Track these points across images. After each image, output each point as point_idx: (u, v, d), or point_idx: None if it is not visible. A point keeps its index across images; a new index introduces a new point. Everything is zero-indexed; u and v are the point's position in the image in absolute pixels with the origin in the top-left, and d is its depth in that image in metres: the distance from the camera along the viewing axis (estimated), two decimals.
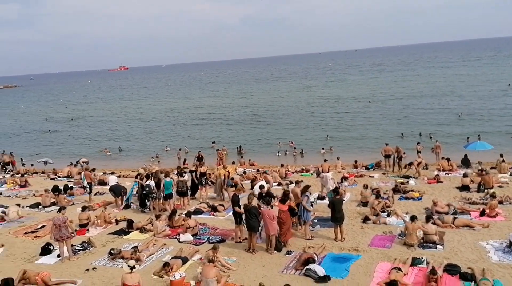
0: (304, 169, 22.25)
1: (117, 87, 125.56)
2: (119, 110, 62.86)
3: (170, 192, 15.05)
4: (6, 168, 26.19)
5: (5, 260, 11.50)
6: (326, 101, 52.65)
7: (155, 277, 9.79)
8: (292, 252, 10.68)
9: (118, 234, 13.06)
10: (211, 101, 64.40)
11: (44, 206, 16.40)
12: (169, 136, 38.60)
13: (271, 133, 36.13)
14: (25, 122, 56.33)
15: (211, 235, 12.37)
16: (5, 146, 35.98)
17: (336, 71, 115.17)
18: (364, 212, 13.70)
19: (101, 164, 27.13)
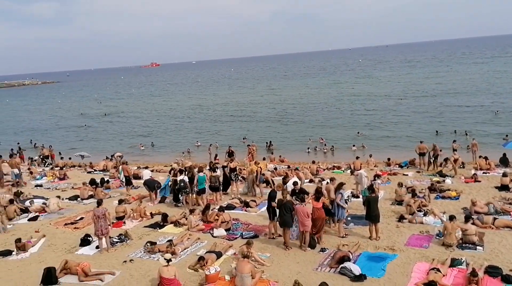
0: (335, 166, 22.02)
1: (148, 83, 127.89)
2: (150, 106, 63.99)
3: (203, 187, 15.23)
4: (46, 161, 27.14)
5: (47, 250, 11.95)
6: (356, 98, 51.83)
7: (190, 271, 9.93)
8: (326, 250, 10.61)
9: (153, 228, 13.32)
10: (240, 97, 64.64)
11: (83, 199, 16.93)
12: (199, 132, 39.00)
13: (300, 130, 35.86)
14: (61, 117, 58.22)
15: (244, 231, 12.45)
16: (44, 140, 37.40)
17: (366, 67, 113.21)
18: (399, 211, 13.45)
19: (134, 159, 27.78)
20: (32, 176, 22.47)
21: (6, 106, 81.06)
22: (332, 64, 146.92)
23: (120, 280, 9.75)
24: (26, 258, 11.44)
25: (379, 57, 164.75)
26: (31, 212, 15.31)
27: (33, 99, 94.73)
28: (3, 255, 11.56)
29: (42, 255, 11.59)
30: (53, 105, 76.78)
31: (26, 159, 27.61)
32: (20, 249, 11.72)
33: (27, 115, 63.77)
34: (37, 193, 18.70)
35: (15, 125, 53.73)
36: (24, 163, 25.09)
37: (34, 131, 46.98)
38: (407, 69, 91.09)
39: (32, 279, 9.99)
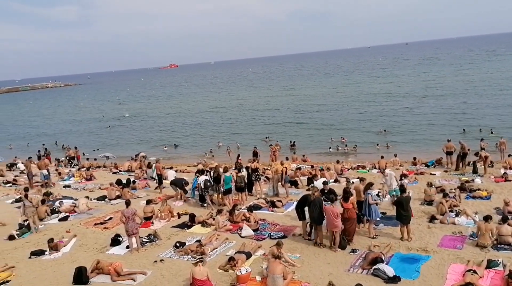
0: (360, 166, 21.78)
1: (167, 84, 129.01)
2: (169, 107, 64.50)
3: (229, 187, 15.27)
4: (72, 162, 27.64)
5: (78, 250, 12.16)
6: (375, 97, 51.07)
7: (221, 271, 9.95)
8: (357, 251, 10.49)
9: (181, 228, 13.41)
10: (258, 97, 64.59)
11: (110, 199, 17.18)
12: (219, 132, 39.14)
13: (321, 129, 35.59)
14: (84, 119, 59.12)
15: (272, 231, 12.41)
16: (68, 142, 38.11)
17: (385, 65, 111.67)
18: (429, 211, 13.21)
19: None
20: (60, 177, 22.92)
21: (31, 108, 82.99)
22: (352, 63, 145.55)
23: (151, 280, 9.84)
24: (59, 257, 11.66)
25: (399, 55, 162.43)
26: (61, 212, 15.61)
27: (56, 101, 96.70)
28: (36, 254, 11.81)
29: (74, 254, 11.80)
30: (75, 107, 78.21)
31: (52, 160, 28.15)
32: (53, 248, 11.95)
33: (51, 117, 65.10)
34: (66, 193, 19.07)
35: (40, 127, 54.94)
36: (51, 165, 25.55)
37: (58, 133, 47.91)
38: (427, 67, 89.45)
39: (65, 278, 10.17)
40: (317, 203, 10.84)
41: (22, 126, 57.85)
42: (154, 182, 19.34)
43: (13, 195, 19.01)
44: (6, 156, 33.65)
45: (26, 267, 11.07)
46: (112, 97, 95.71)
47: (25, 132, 51.25)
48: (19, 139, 45.41)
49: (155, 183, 19.25)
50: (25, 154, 30.04)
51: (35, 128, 54.16)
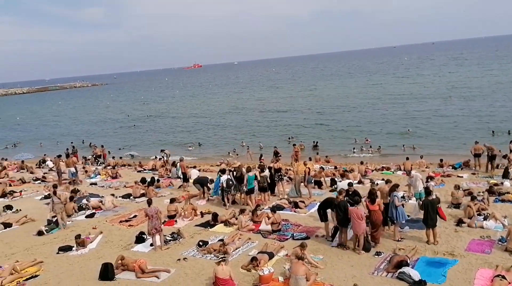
0: (384, 167, 21.46)
1: (191, 84, 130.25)
2: (192, 107, 65.05)
3: (252, 187, 15.28)
4: (98, 160, 28.22)
5: (104, 246, 12.41)
6: (399, 98, 50.24)
7: (243, 271, 9.98)
8: (382, 254, 10.33)
9: (204, 227, 13.51)
10: (280, 97, 64.43)
11: (135, 197, 17.45)
12: (242, 133, 39.24)
13: (344, 131, 35.19)
14: (110, 118, 60.28)
15: (295, 232, 12.36)
16: (95, 140, 38.95)
17: (410, 65, 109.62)
18: (456, 214, 12.89)
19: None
20: (87, 174, 23.43)
21: (59, 108, 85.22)
22: (375, 63, 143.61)
23: (175, 277, 9.94)
24: (86, 253, 11.92)
25: (425, 55, 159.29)
26: (89, 208, 15.97)
27: (83, 101, 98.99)
28: (64, 250, 12.11)
29: (100, 251, 12.04)
30: (102, 106, 79.88)
31: (80, 158, 28.81)
32: (80, 245, 12.22)
33: (78, 116, 66.66)
34: (92, 191, 19.47)
35: (68, 126, 56.36)
36: (79, 163, 26.16)
37: (85, 132, 49.02)
38: (453, 67, 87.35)
39: (91, 274, 10.38)
40: (342, 206, 10.74)
41: (51, 124, 59.49)
42: (179, 181, 19.61)
43: (42, 192, 19.52)
44: (36, 154, 34.68)
45: (54, 262, 11.36)
46: (137, 97, 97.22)
47: (54, 131, 52.67)
48: (49, 137, 46.70)
49: (180, 182, 19.51)
50: (54, 152, 30.84)
51: (63, 127, 55.60)
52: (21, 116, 73.06)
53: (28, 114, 76.79)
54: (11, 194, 19.07)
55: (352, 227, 10.58)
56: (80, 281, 10.10)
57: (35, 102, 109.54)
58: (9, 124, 63.01)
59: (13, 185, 21.27)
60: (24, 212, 16.14)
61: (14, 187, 20.88)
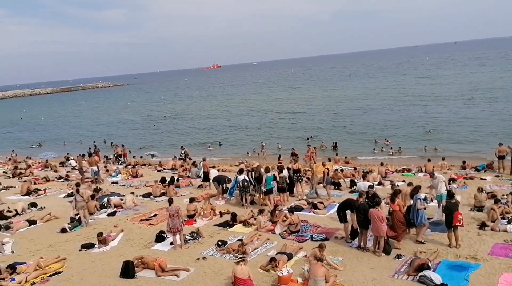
0: (405, 169, 21.17)
1: (210, 85, 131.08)
2: (211, 107, 65.51)
3: (271, 188, 15.29)
4: (120, 159, 28.69)
5: (125, 244, 12.61)
6: (419, 98, 49.42)
7: (262, 271, 9.99)
8: (402, 256, 10.20)
9: (223, 226, 13.58)
10: (298, 98, 64.25)
11: (155, 196, 17.66)
12: (259, 135, 39.29)
13: (363, 132, 34.82)
14: (130, 118, 61.17)
15: (314, 233, 12.32)
16: (116, 140, 39.59)
17: (431, 65, 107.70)
18: (479, 218, 12.64)
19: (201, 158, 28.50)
20: (108, 173, 23.83)
21: (82, 108, 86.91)
22: (395, 63, 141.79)
23: (194, 277, 10.03)
24: (107, 251, 12.13)
25: (446, 55, 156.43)
26: (110, 207, 16.25)
27: (105, 101, 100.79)
28: (86, 247, 12.36)
29: (121, 249, 12.24)
30: (122, 106, 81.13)
31: (101, 157, 29.32)
32: (102, 242, 12.45)
33: (100, 115, 67.89)
34: (114, 189, 19.81)
35: (90, 125, 57.47)
36: (100, 162, 26.62)
37: (107, 131, 49.90)
38: (475, 67, 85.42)
39: (113, 271, 10.55)
40: (362, 209, 10.66)
41: (74, 124, 60.73)
42: (199, 180, 19.81)
43: (65, 190, 19.97)
44: (60, 153, 35.49)
45: (76, 259, 11.61)
46: (157, 97, 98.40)
47: (77, 130, 53.75)
48: (72, 137, 47.69)
49: (199, 181, 19.70)
50: (77, 151, 31.51)
51: (86, 126, 56.72)
52: (45, 115, 74.86)
53: (52, 113, 78.64)
54: (36, 192, 19.55)
55: (372, 229, 10.48)
56: (102, 278, 10.29)
57: (58, 102, 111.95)
58: (34, 123, 64.62)
59: (38, 183, 21.81)
60: (48, 209, 16.51)
61: (38, 185, 21.40)
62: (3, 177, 24.35)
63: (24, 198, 18.69)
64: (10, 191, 20.72)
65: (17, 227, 14.41)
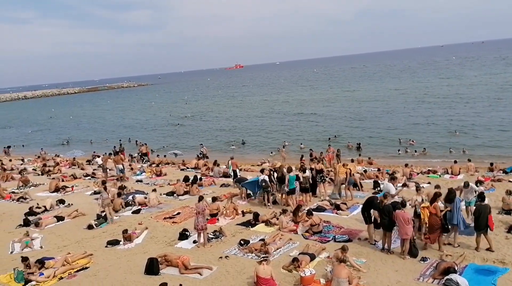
0: (431, 170, 20.76)
1: (232, 84, 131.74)
2: (232, 107, 65.85)
3: (293, 188, 15.27)
4: (144, 158, 29.15)
5: (149, 242, 12.82)
6: (443, 99, 48.35)
7: (284, 271, 9.99)
8: (428, 259, 10.02)
9: (245, 226, 13.64)
10: (320, 99, 63.80)
11: (178, 195, 17.88)
12: (282, 133, 39.26)
13: (386, 133, 34.38)
14: (154, 118, 62.02)
15: (336, 234, 12.23)
16: (140, 138, 40.24)
17: (456, 65, 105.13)
18: (507, 221, 12.29)
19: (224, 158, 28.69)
20: (133, 172, 24.24)
21: (108, 107, 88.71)
22: (419, 62, 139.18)
23: (217, 275, 10.11)
24: (132, 248, 12.36)
25: (473, 54, 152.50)
26: (135, 204, 16.55)
27: (130, 101, 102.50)
28: (112, 244, 12.63)
29: (146, 246, 12.45)
30: (147, 106, 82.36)
31: (126, 156, 29.86)
32: (127, 239, 12.69)
33: (125, 115, 69.13)
34: (138, 188, 20.17)
35: (115, 124, 58.62)
36: (125, 160, 27.10)
37: (131, 130, 50.77)
38: (502, 67, 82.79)
39: (138, 268, 10.75)
40: (386, 210, 10.53)
41: (100, 122, 62.11)
42: (221, 179, 20.02)
43: (92, 188, 20.43)
44: (87, 151, 36.34)
45: (102, 255, 11.87)
46: (180, 96, 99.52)
47: (103, 128, 55.02)
48: (98, 135, 48.78)
49: (222, 180, 19.89)
50: (103, 149, 32.22)
51: (111, 125, 57.94)
52: (73, 114, 76.76)
53: (79, 112, 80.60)
54: (64, 189, 20.11)
55: (398, 231, 10.34)
56: (127, 274, 10.50)
57: (85, 101, 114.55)
58: (63, 122, 66.38)
59: (65, 181, 22.38)
60: (75, 206, 16.95)
61: (66, 182, 21.97)
62: (32, 174, 25.07)
63: (52, 195, 19.23)
64: (39, 188, 21.38)
65: (45, 223, 14.85)
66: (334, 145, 27.33)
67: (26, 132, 58.09)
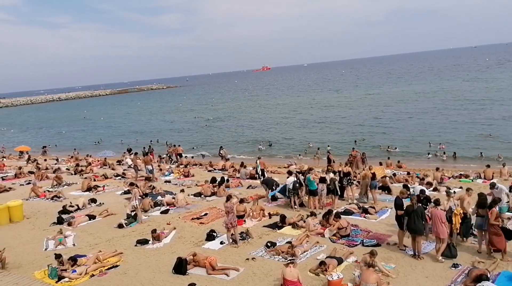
0: (462, 174, 20.20)
1: (258, 86, 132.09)
2: (260, 108, 66.06)
3: (315, 188, 15.22)
4: (172, 159, 29.60)
5: (177, 242, 12.99)
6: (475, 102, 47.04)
7: (311, 275, 9.91)
8: (459, 266, 9.75)
9: (272, 228, 13.62)
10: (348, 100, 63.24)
11: (205, 196, 18.06)
12: (309, 133, 39.07)
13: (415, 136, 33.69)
14: (181, 119, 62.91)
15: (365, 238, 12.07)
16: (168, 139, 40.90)
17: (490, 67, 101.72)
18: None
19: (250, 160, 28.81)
20: (162, 172, 24.65)
21: (138, 108, 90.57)
22: (450, 64, 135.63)
23: (244, 277, 10.14)
24: (160, 247, 12.55)
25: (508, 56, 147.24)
26: (163, 205, 16.82)
27: (159, 102, 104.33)
28: (141, 243, 12.87)
29: (174, 246, 12.62)
30: (175, 107, 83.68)
31: (155, 156, 30.40)
32: (155, 239, 12.91)
33: (154, 116, 70.40)
34: (166, 188, 20.45)
35: (145, 125, 59.76)
36: (154, 161, 27.58)
37: (159, 131, 51.64)
38: None
39: (166, 267, 10.92)
40: (420, 212, 10.33)
41: (130, 123, 63.53)
42: (248, 181, 20.08)
43: (122, 187, 20.89)
44: (117, 151, 37.23)
45: (132, 254, 12.11)
46: (207, 98, 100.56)
47: (133, 129, 56.30)
48: (128, 135, 49.93)
49: (248, 182, 19.96)
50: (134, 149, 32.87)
51: (141, 126, 59.20)
52: (104, 115, 78.85)
53: (110, 113, 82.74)
54: (95, 189, 20.65)
55: (433, 230, 10.14)
56: (155, 273, 10.68)
57: (116, 103, 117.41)
58: (94, 123, 68.28)
59: (97, 180, 22.98)
60: (106, 205, 17.40)
61: (97, 182, 22.55)
62: (66, 174, 25.88)
63: (84, 194, 19.78)
64: (72, 187, 22.05)
65: (78, 222, 15.30)
66: (361, 148, 26.99)
67: (60, 132, 60.10)
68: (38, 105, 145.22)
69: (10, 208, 16.12)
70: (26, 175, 26.09)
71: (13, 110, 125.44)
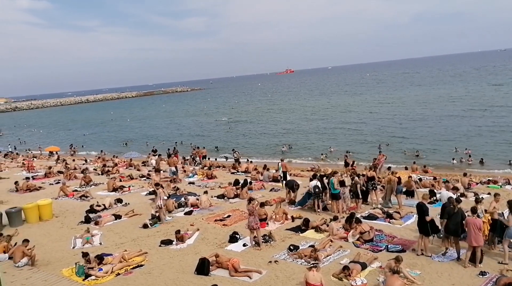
0: (490, 180, 19.67)
1: (282, 89, 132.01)
2: (282, 111, 65.96)
3: (337, 192, 15.13)
4: (196, 161, 29.90)
5: (201, 243, 13.11)
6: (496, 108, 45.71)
7: (334, 279, 9.84)
8: (487, 274, 9.51)
9: (295, 231, 13.58)
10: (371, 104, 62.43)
11: (229, 198, 18.17)
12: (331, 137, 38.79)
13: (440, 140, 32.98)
14: (205, 121, 63.45)
15: (389, 243, 11.89)
16: (192, 141, 41.34)
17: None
18: None
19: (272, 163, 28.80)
20: (186, 174, 24.94)
21: (163, 110, 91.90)
22: (474, 68, 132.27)
23: (266, 279, 10.15)
24: (184, 248, 12.70)
25: None
26: (187, 206, 17.02)
27: (183, 104, 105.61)
28: (165, 243, 13.05)
29: (197, 247, 12.74)
30: (199, 109, 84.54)
31: (179, 158, 30.76)
32: (179, 239, 13.07)
33: (178, 118, 71.27)
34: (190, 189, 20.71)
35: (169, 127, 60.62)
36: (179, 162, 27.91)
37: (182, 133, 52.29)
38: None
39: (189, 268, 11.03)
40: (460, 214, 10.17)
41: (155, 125, 64.56)
42: (270, 184, 20.09)
43: (147, 188, 21.24)
44: (143, 152, 37.86)
45: (156, 254, 12.30)
46: (231, 101, 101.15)
47: (157, 131, 57.17)
48: (153, 137, 50.71)
49: (271, 185, 19.97)
50: (159, 151, 33.40)
51: (166, 128, 60.01)
52: (130, 117, 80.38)
53: (136, 115, 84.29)
54: (121, 189, 21.07)
55: (468, 239, 9.96)
56: (179, 274, 10.82)
57: (142, 105, 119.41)
58: (121, 124, 69.75)
59: (123, 181, 23.44)
60: (131, 206, 17.73)
61: (123, 182, 23.00)
62: (93, 174, 26.50)
63: (111, 194, 20.21)
64: (99, 187, 22.56)
65: (104, 221, 15.65)
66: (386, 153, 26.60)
67: (88, 133, 61.56)
68: (67, 106, 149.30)
69: (40, 207, 16.64)
70: (55, 175, 26.86)
71: (44, 112, 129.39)
